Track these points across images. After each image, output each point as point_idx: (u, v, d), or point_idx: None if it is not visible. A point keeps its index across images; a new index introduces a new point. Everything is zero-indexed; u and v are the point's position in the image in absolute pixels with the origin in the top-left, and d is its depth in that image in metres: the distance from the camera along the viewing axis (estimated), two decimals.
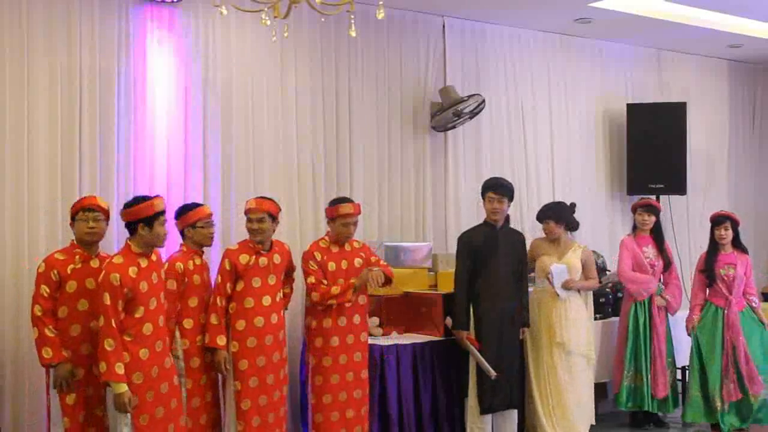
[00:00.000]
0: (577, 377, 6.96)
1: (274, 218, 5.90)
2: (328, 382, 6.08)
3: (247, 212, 5.90)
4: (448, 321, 6.76)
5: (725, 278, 7.53)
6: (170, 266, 5.62)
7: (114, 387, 4.92)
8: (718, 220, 7.65)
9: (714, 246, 7.66)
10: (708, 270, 7.57)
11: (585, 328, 7.06)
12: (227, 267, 5.75)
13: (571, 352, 6.92)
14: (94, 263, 5.31)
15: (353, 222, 6.23)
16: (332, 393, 6.08)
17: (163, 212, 5.19)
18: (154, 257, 5.26)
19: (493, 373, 6.44)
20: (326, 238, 6.28)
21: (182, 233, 5.87)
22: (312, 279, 6.06)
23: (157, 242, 5.20)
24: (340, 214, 6.19)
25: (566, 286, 6.93)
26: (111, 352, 4.90)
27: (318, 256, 6.12)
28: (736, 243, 7.66)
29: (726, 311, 7.52)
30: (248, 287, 5.76)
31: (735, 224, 7.65)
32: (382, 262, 6.39)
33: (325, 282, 6.07)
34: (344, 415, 6.11)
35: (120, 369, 4.91)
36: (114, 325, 4.93)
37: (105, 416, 5.27)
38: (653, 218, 7.65)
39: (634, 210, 7.80)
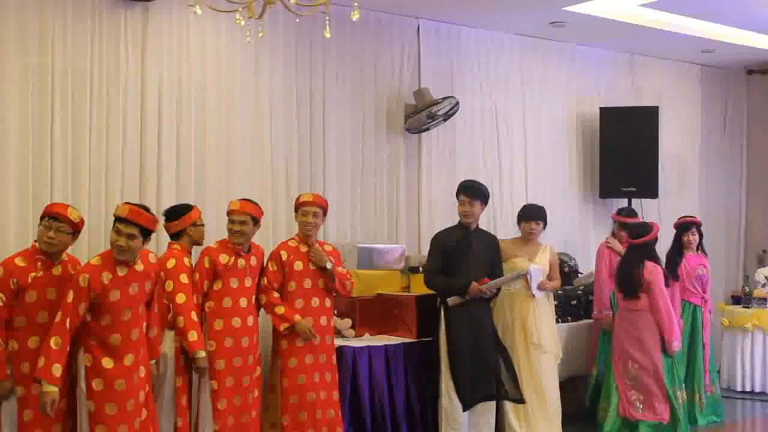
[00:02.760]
0: (550, 375, 7.03)
1: (256, 221, 5.93)
2: (295, 383, 6.07)
3: (229, 213, 5.92)
4: (454, 300, 6.60)
5: (701, 278, 7.87)
6: (178, 261, 5.64)
7: (43, 385, 4.72)
8: (686, 226, 7.98)
9: (679, 249, 7.94)
10: (671, 270, 7.75)
11: (553, 327, 7.16)
12: (206, 265, 5.76)
13: (546, 352, 6.98)
14: (57, 270, 5.01)
15: (312, 212, 6.18)
16: (299, 394, 6.07)
17: (118, 219, 4.95)
18: (139, 267, 5.03)
19: (524, 270, 6.70)
20: (296, 237, 6.28)
21: (180, 233, 5.89)
22: (265, 281, 6.08)
23: (112, 249, 4.96)
24: (299, 202, 6.25)
25: (542, 287, 6.96)
26: (54, 351, 4.71)
27: (284, 256, 6.12)
28: (701, 246, 8.03)
29: (703, 309, 7.88)
30: (227, 287, 5.78)
31: (700, 228, 8.03)
32: (342, 271, 6.35)
33: (276, 293, 6.07)
34: (313, 416, 6.09)
35: (57, 371, 4.71)
36: (67, 325, 4.76)
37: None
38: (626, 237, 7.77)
39: (613, 221, 7.87)
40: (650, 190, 9.38)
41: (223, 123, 7.06)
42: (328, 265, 6.16)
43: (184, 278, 5.62)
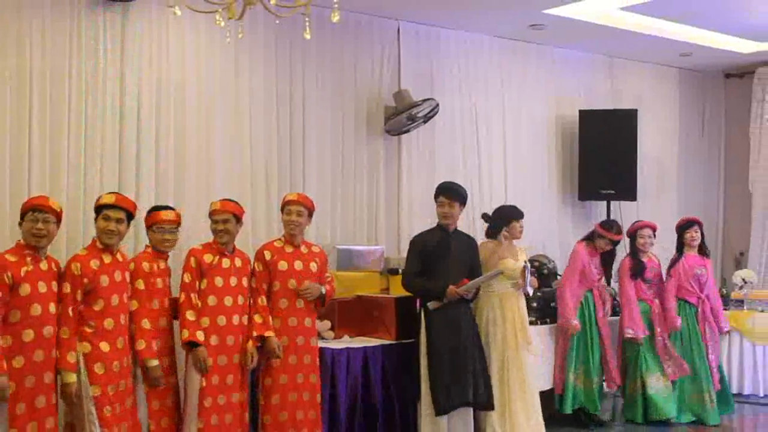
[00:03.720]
0: (534, 375, 7.08)
1: (238, 219, 5.96)
2: (277, 382, 6.06)
3: (212, 214, 5.93)
4: (433, 304, 6.59)
5: (699, 278, 8.00)
6: (137, 267, 5.62)
7: (64, 376, 5.02)
8: (688, 224, 8.14)
9: (680, 248, 8.17)
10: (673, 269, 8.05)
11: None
12: (193, 264, 5.78)
13: (530, 352, 7.04)
14: (44, 265, 5.10)
15: (296, 211, 6.18)
16: (281, 393, 6.06)
17: (106, 206, 5.29)
18: (119, 257, 5.37)
19: (499, 270, 6.68)
20: (281, 237, 6.28)
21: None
22: (254, 283, 6.07)
23: (100, 237, 5.29)
24: (284, 201, 6.26)
25: (532, 285, 7.06)
26: (65, 340, 5.02)
27: (267, 255, 6.12)
28: (703, 246, 8.16)
29: (699, 309, 8.04)
30: (211, 285, 5.79)
31: (702, 228, 8.16)
32: (328, 277, 6.38)
33: (263, 297, 6.05)
34: (294, 416, 6.08)
35: (72, 358, 5.02)
36: (71, 313, 5.06)
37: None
38: (609, 247, 7.84)
39: (599, 234, 7.86)
40: (629, 193, 9.43)
41: (202, 124, 7.04)
42: (323, 290, 6.22)
43: (139, 284, 5.59)
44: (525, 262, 6.99)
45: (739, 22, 8.60)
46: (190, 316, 5.69)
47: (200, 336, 5.67)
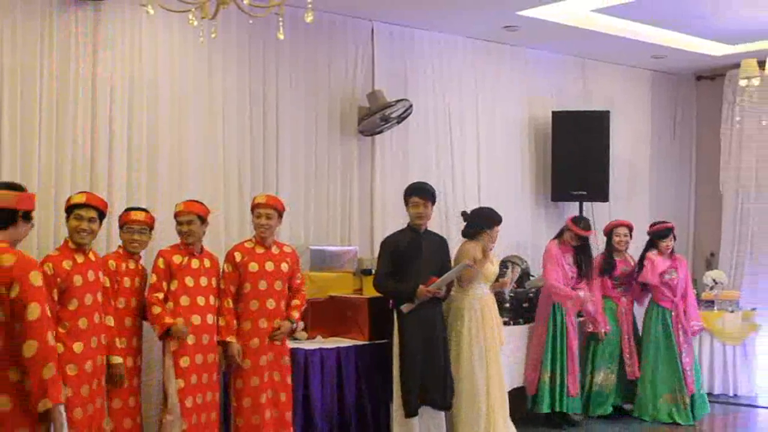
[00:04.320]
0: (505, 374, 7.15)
1: (203, 220, 5.96)
2: (248, 384, 6.05)
3: (176, 215, 5.95)
4: (406, 307, 6.58)
5: (669, 282, 8.05)
6: (104, 264, 5.60)
7: None
8: (665, 232, 8.18)
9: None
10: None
11: None
12: (161, 266, 5.80)
13: (503, 351, 7.12)
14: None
15: (266, 214, 6.17)
16: (252, 396, 6.05)
17: (77, 206, 5.28)
18: (92, 257, 5.32)
19: (469, 263, 6.64)
20: (252, 239, 6.26)
21: None
22: (222, 284, 6.07)
23: (72, 237, 5.26)
24: (253, 204, 6.26)
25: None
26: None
27: (238, 257, 6.11)
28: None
29: (673, 313, 8.09)
30: (182, 286, 5.81)
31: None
32: (299, 279, 6.36)
33: (230, 300, 6.05)
34: (264, 417, 6.07)
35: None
36: (49, 313, 4.80)
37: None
38: (579, 242, 7.89)
39: (568, 227, 7.92)
40: (601, 194, 9.47)
41: (175, 123, 7.01)
42: (293, 324, 6.25)
43: (105, 282, 5.55)
44: (508, 263, 7.03)
45: (710, 25, 8.67)
46: (155, 310, 5.71)
47: (169, 320, 5.69)
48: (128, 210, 5.98)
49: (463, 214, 7.22)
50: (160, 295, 5.77)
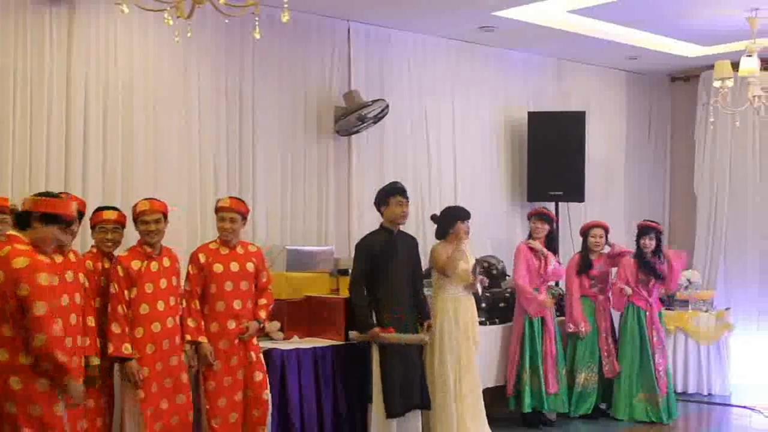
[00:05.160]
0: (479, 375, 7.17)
1: (166, 218, 5.86)
2: (221, 385, 6.02)
3: (141, 214, 5.75)
4: (354, 335, 6.70)
5: (647, 282, 8.19)
6: (81, 264, 5.50)
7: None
8: (645, 230, 8.24)
9: (639, 251, 8.24)
10: (649, 270, 8.18)
11: None
12: (121, 274, 5.63)
13: (477, 351, 7.15)
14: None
15: (230, 218, 6.09)
16: (226, 395, 6.02)
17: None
18: (72, 257, 5.21)
19: (426, 339, 6.59)
20: (217, 240, 6.21)
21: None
22: (187, 286, 6.03)
23: (67, 242, 5.11)
24: (217, 207, 6.18)
25: (482, 283, 7.15)
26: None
27: (202, 258, 6.05)
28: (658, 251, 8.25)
29: (648, 313, 8.15)
30: (142, 293, 5.65)
31: (658, 233, 8.27)
32: (264, 277, 6.30)
33: (197, 301, 6.00)
34: (243, 415, 6.06)
35: (26, 360, 4.80)
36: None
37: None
38: (546, 227, 7.94)
39: (529, 217, 8.03)
40: (577, 194, 9.51)
41: (150, 123, 6.98)
42: (259, 324, 6.20)
43: (85, 283, 5.49)
44: (475, 260, 7.05)
45: (684, 26, 8.72)
46: (115, 328, 5.55)
47: (126, 350, 5.54)
48: (99, 210, 5.88)
49: (433, 217, 7.25)
50: (122, 310, 5.59)
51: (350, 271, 6.81)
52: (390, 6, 7.83)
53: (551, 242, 8.06)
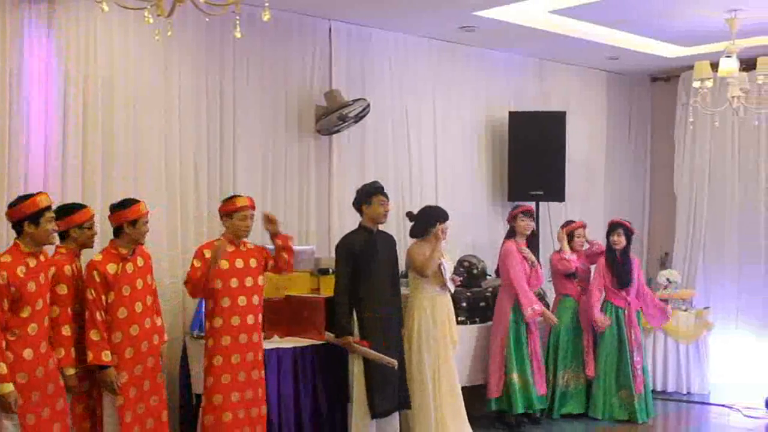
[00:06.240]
0: (458, 374, 7.18)
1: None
2: (219, 382, 6.02)
3: (140, 217, 5.72)
4: (329, 336, 6.73)
5: None
6: (59, 271, 5.46)
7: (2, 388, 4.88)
8: (612, 227, 8.32)
9: (611, 249, 8.30)
10: (615, 271, 8.23)
11: None
12: (97, 279, 5.55)
13: (455, 351, 7.17)
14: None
15: (250, 215, 6.20)
16: (223, 393, 6.02)
17: (48, 208, 5.17)
18: (42, 257, 5.21)
19: (394, 362, 6.53)
20: (222, 238, 6.20)
21: (64, 234, 5.68)
22: (186, 275, 6.06)
23: (45, 239, 5.17)
24: (238, 207, 6.18)
25: (453, 282, 7.13)
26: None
27: (207, 254, 6.05)
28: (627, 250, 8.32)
29: (626, 312, 8.18)
30: (119, 297, 5.61)
31: (628, 232, 8.31)
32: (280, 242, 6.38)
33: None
34: (236, 416, 6.06)
35: (3, 369, 4.88)
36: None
37: None
38: (532, 224, 8.01)
39: (515, 216, 8.01)
40: (557, 194, 9.53)
41: (130, 121, 6.94)
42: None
43: (62, 289, 5.47)
44: (444, 260, 7.04)
45: (665, 27, 8.75)
46: (94, 336, 5.49)
47: (106, 357, 5.50)
48: (78, 207, 5.80)
49: (409, 214, 7.28)
50: (100, 317, 5.53)
51: (334, 273, 6.80)
52: (371, 5, 7.82)
53: (534, 239, 8.13)
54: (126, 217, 5.68)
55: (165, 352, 6.02)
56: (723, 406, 8.84)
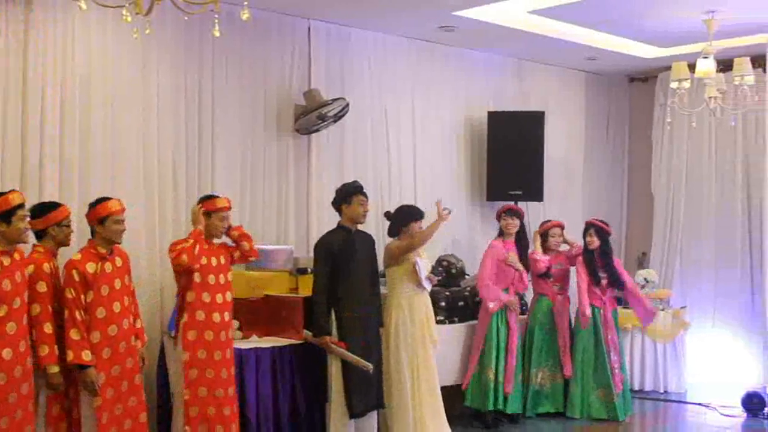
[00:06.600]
0: (437, 372, 7.18)
1: None
2: (204, 376, 6.06)
3: (116, 213, 5.69)
4: (307, 335, 6.73)
5: (601, 280, 8.30)
6: (38, 268, 5.41)
7: None
8: (585, 227, 8.41)
9: (587, 250, 8.36)
10: (591, 272, 8.26)
11: None
12: (77, 278, 5.52)
13: (434, 349, 7.16)
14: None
15: (228, 216, 6.31)
16: (208, 387, 6.06)
17: (21, 206, 5.13)
18: (17, 256, 5.16)
19: (370, 366, 6.52)
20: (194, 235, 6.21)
21: (42, 232, 5.64)
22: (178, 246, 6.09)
23: (18, 238, 5.13)
24: (217, 207, 6.25)
25: (429, 280, 7.13)
26: None
27: (196, 250, 6.11)
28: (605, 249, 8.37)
29: (602, 311, 8.23)
30: (98, 297, 5.58)
31: (603, 233, 8.37)
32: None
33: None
34: (221, 412, 6.09)
35: None
36: None
37: None
38: (518, 222, 8.02)
39: (499, 215, 8.06)
40: (536, 193, 9.57)
41: (108, 120, 6.91)
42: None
43: (41, 287, 5.41)
44: (419, 259, 7.04)
45: (643, 28, 8.79)
46: (74, 335, 5.45)
47: (86, 356, 5.46)
48: (54, 206, 5.75)
49: (386, 214, 7.30)
50: (80, 316, 5.49)
51: (313, 273, 6.79)
52: (350, 5, 7.81)
53: (522, 238, 8.15)
54: (95, 215, 5.67)
55: (145, 354, 5.99)
56: (700, 404, 8.90)
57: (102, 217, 5.66)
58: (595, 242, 8.30)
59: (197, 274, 6.09)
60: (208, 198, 6.34)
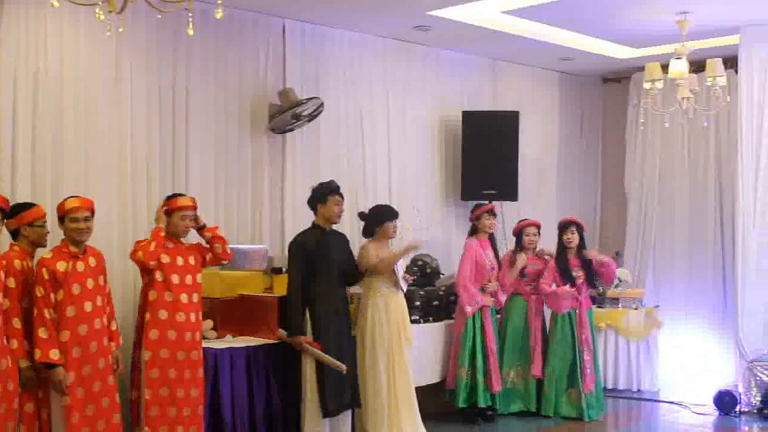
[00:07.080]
0: (412, 372, 7.20)
1: (93, 215, 5.78)
2: (165, 375, 6.02)
3: (71, 212, 5.64)
4: (281, 333, 6.72)
5: (576, 279, 8.24)
6: (9, 264, 5.40)
7: None
8: (564, 225, 8.41)
9: (563, 248, 8.37)
10: (563, 270, 8.28)
11: None
12: (46, 276, 5.48)
13: (409, 348, 7.19)
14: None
15: (190, 216, 6.24)
16: (170, 387, 6.02)
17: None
18: None
19: (343, 367, 6.54)
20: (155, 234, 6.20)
21: (16, 232, 5.64)
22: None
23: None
24: (178, 206, 6.20)
25: (405, 280, 7.17)
26: None
27: (152, 247, 6.08)
28: (580, 248, 8.41)
29: (578, 311, 8.26)
30: (69, 295, 5.54)
31: (581, 229, 8.42)
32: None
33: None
34: (181, 413, 6.05)
35: None
36: None
37: None
38: (496, 222, 8.09)
39: (479, 215, 8.08)
40: (511, 193, 9.60)
41: (81, 119, 6.86)
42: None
43: (11, 282, 5.39)
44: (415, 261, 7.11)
45: (616, 28, 8.84)
46: (42, 333, 5.41)
47: (54, 355, 5.42)
48: (28, 206, 5.76)
49: (360, 214, 7.31)
50: (48, 314, 5.45)
51: (287, 272, 6.79)
52: (325, 4, 7.81)
53: (493, 237, 8.23)
54: (58, 213, 5.67)
55: (120, 355, 5.95)
56: (672, 403, 8.96)
57: (60, 216, 5.66)
58: (575, 240, 8.34)
59: (159, 272, 6.07)
60: (171, 197, 6.33)
